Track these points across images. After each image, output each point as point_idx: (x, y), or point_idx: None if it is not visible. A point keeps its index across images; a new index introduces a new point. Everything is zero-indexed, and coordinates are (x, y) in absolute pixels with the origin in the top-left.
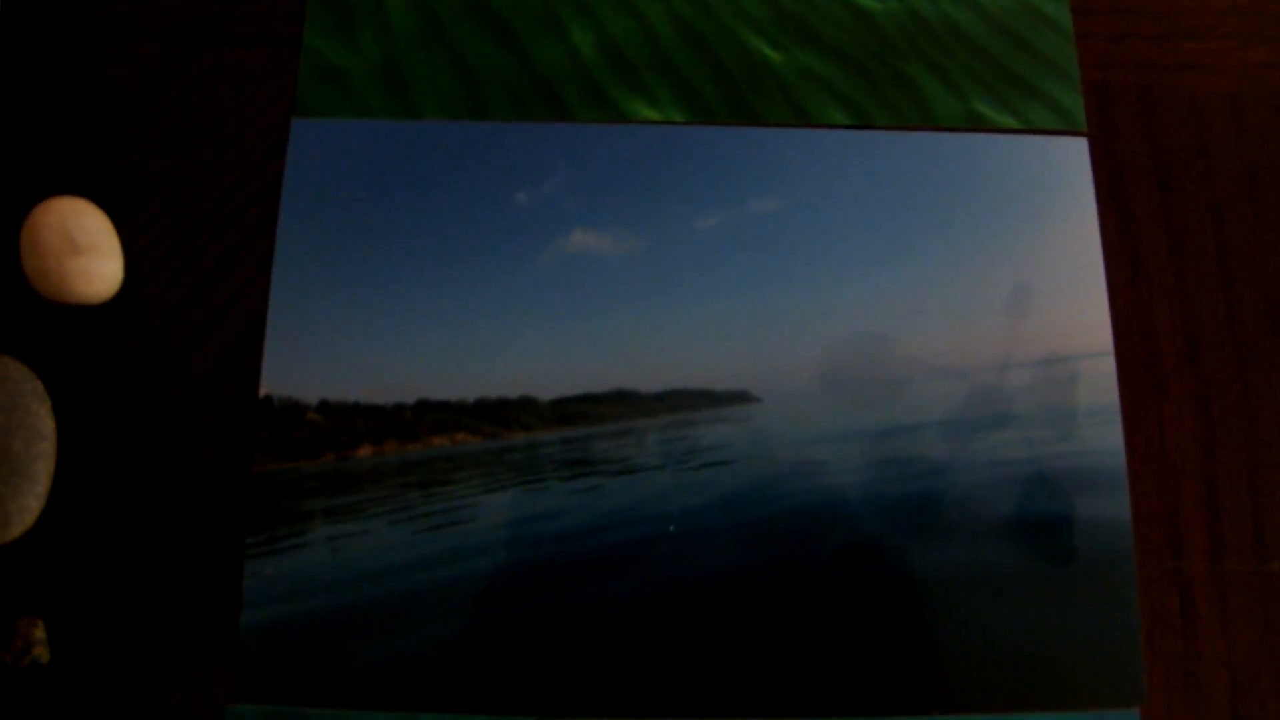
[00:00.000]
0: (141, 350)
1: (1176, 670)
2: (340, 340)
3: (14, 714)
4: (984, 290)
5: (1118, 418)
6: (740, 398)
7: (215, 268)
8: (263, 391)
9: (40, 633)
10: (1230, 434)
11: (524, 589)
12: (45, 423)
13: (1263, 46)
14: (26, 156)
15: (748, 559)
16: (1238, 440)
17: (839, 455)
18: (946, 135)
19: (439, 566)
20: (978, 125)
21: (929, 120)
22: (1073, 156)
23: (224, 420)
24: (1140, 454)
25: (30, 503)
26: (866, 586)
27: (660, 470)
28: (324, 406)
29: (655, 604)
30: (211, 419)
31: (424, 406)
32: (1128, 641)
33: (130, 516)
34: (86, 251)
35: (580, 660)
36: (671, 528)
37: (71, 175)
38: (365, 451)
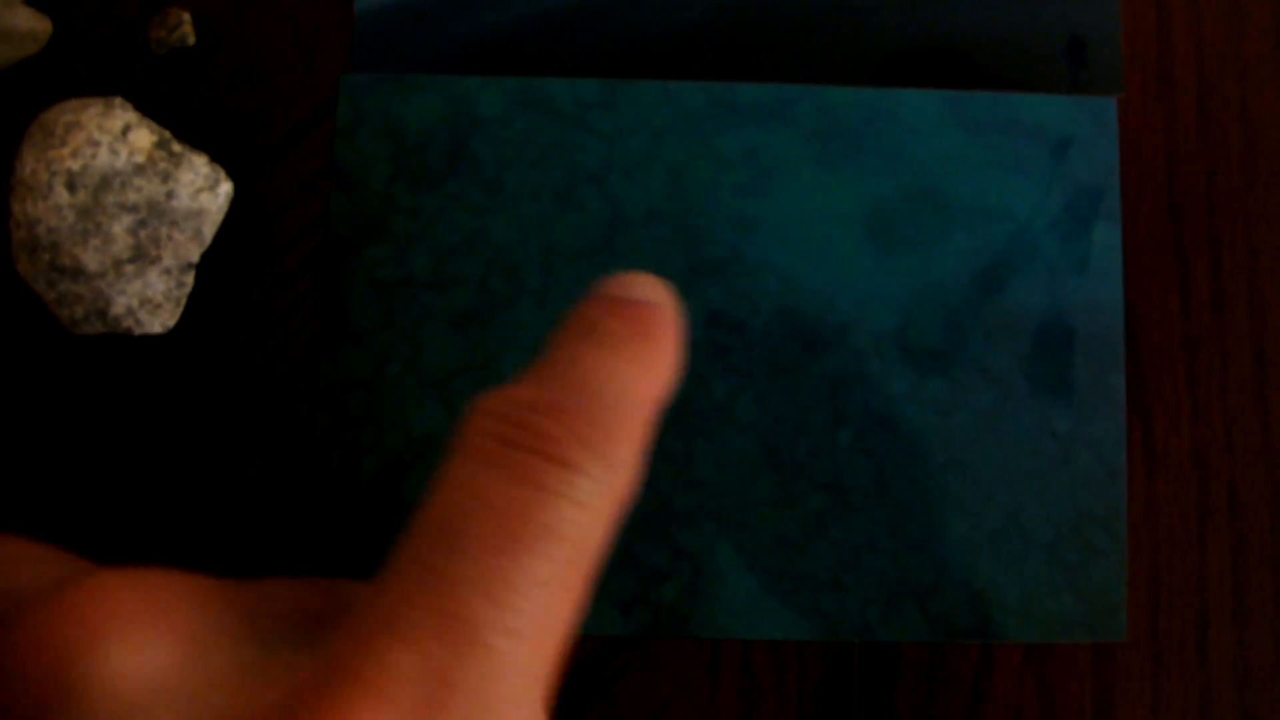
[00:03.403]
0: None
1: (1152, 68)
2: None
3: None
4: None
5: None
6: None
7: None
8: None
9: (188, 16)
10: None
11: None
12: None
13: None
14: None
15: None
16: None
17: None
18: None
19: None
20: None
21: None
22: None
23: None
24: None
25: None
26: None
27: None
28: None
29: None
30: None
31: None
32: (1109, 38)
33: None
34: None
35: (635, 31)
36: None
37: None
38: None
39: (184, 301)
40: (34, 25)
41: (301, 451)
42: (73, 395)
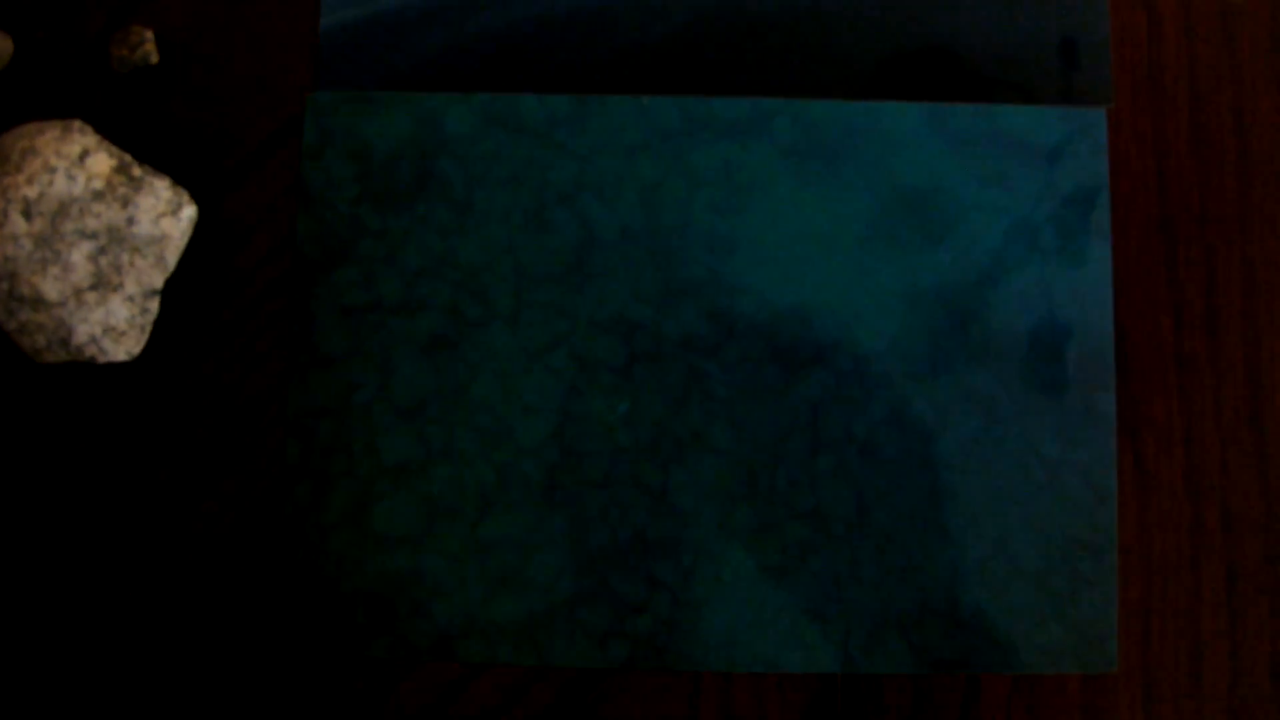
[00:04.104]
0: None
1: (1143, 78)
2: None
3: (135, 113)
4: None
5: None
6: None
7: None
8: None
9: (150, 34)
10: None
11: None
12: None
13: None
14: None
15: None
16: None
17: None
18: None
19: None
20: None
21: None
22: None
23: None
24: None
25: None
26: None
27: None
28: None
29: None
30: None
31: None
32: (1098, 47)
33: None
34: None
35: (608, 44)
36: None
37: None
38: None
39: (149, 328)
40: None
41: (270, 480)
42: (38, 424)
